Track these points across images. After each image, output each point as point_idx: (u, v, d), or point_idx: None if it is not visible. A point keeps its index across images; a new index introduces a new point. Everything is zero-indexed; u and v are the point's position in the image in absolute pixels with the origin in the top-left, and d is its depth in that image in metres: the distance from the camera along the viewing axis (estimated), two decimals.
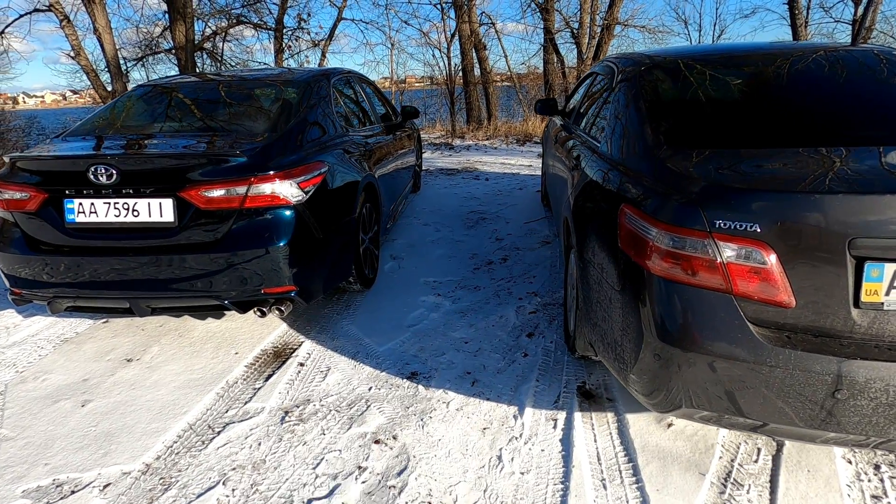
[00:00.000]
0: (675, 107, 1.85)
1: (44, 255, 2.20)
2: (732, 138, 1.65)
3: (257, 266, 2.18)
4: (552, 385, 2.19)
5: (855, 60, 2.08)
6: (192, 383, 2.24)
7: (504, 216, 4.66)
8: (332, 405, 2.08)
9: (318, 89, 2.99)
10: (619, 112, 2.05)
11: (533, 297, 3.00)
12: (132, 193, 2.11)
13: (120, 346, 2.58)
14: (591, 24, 12.70)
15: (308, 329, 2.70)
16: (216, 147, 2.31)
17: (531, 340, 2.53)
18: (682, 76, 2.05)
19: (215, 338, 2.63)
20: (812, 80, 1.92)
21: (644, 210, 1.48)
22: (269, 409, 2.06)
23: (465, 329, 2.67)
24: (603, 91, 2.67)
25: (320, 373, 2.31)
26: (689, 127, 1.75)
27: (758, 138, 1.63)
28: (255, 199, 2.15)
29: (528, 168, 7.04)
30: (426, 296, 3.07)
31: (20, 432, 1.97)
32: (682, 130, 1.73)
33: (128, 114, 2.86)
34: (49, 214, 2.19)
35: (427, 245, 3.96)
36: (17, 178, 2.21)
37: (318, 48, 13.47)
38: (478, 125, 11.07)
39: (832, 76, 1.97)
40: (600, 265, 1.73)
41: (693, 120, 1.78)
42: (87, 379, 2.30)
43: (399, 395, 2.14)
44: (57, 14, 10.73)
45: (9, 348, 2.61)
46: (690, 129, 1.73)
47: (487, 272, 3.39)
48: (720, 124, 1.75)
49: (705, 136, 1.68)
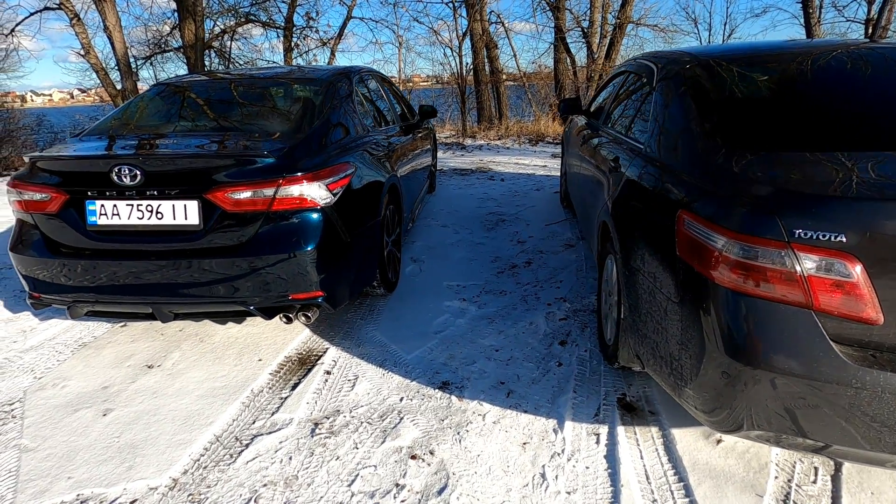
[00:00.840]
0: (729, 106, 1.76)
1: (64, 259, 2.13)
2: (797, 140, 1.56)
3: (285, 271, 2.10)
4: (591, 397, 2.10)
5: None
6: (216, 392, 2.16)
7: (523, 218, 4.56)
8: (363, 416, 1.99)
9: (340, 88, 2.91)
10: (665, 112, 1.95)
11: (562, 302, 2.91)
12: (156, 195, 2.03)
13: (139, 351, 2.51)
14: (602, 23, 12.59)
15: (332, 335, 2.62)
16: (242, 147, 2.23)
17: (564, 349, 2.44)
18: (732, 74, 1.95)
19: (237, 343, 2.55)
20: (878, 77, 1.82)
21: (707, 217, 1.39)
22: (297, 421, 1.98)
23: (494, 336, 2.58)
24: (639, 90, 2.57)
25: (348, 382, 2.23)
26: (748, 128, 1.65)
27: (825, 141, 1.53)
28: (283, 201, 2.07)
29: (543, 168, 6.94)
30: (450, 300, 2.98)
31: (41, 443, 1.90)
32: (741, 132, 1.63)
33: (147, 113, 2.78)
34: (70, 216, 2.11)
35: (447, 247, 3.87)
36: (37, 179, 2.13)
37: (326, 47, 13.43)
38: (489, 125, 10.97)
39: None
40: (652, 274, 1.64)
41: (751, 120, 1.69)
42: (108, 386, 2.23)
43: (432, 406, 2.05)
44: (67, 12, 10.71)
45: (26, 353, 2.54)
46: (749, 131, 1.63)
47: (512, 276, 3.30)
48: (781, 125, 1.65)
49: (766, 138, 1.58)
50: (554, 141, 9.32)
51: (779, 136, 1.59)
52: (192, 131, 2.55)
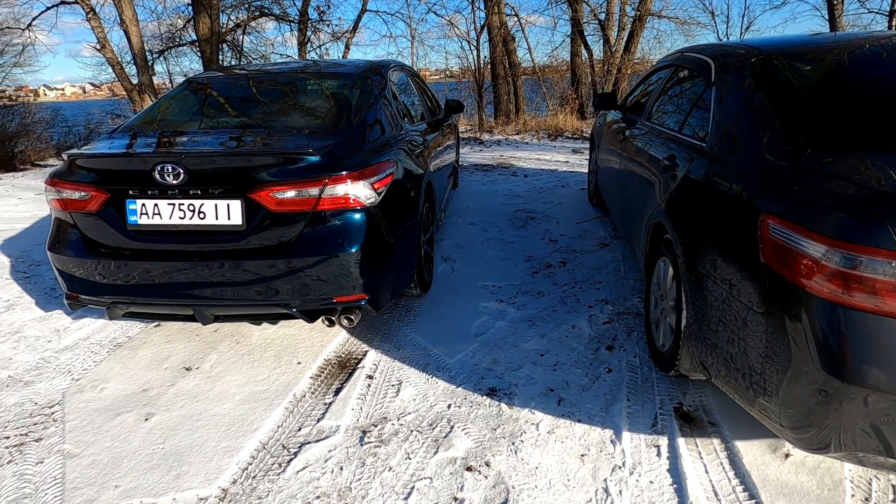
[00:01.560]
0: (809, 102, 1.65)
1: (103, 259, 2.08)
2: (890, 139, 1.45)
3: (329, 272, 2.03)
4: (646, 406, 2.01)
5: None
6: (257, 396, 2.11)
7: (553, 215, 4.47)
8: (411, 424, 1.93)
9: (375, 82, 2.83)
10: (733, 109, 1.85)
11: (604, 305, 2.82)
12: (199, 194, 1.97)
13: (176, 352, 2.46)
14: (620, 15, 12.36)
15: (370, 337, 2.56)
16: (285, 145, 2.16)
17: (612, 354, 2.36)
18: (803, 68, 1.84)
19: (274, 345, 2.49)
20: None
21: (800, 223, 1.29)
22: (344, 428, 1.92)
23: (536, 340, 2.50)
24: (691, 85, 2.46)
25: (392, 387, 2.16)
26: (835, 126, 1.55)
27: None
28: (329, 200, 2.00)
29: (566, 164, 6.82)
30: (487, 301, 2.91)
31: (84, 448, 1.85)
32: (827, 130, 1.53)
33: (181, 109, 2.72)
34: (110, 216, 2.06)
35: (477, 246, 3.79)
36: (76, 177, 2.08)
37: (340, 41, 13.32)
38: (506, 119, 10.83)
39: None
40: (726, 281, 1.55)
41: (837, 118, 1.58)
42: (147, 389, 2.18)
43: (482, 414, 1.98)
44: (83, 6, 10.69)
45: (62, 353, 2.50)
46: (837, 129, 1.53)
47: (548, 276, 3.22)
48: (871, 123, 1.54)
49: (857, 137, 1.48)
50: (573, 136, 9.18)
51: (870, 134, 1.49)
52: (231, 128, 2.48)
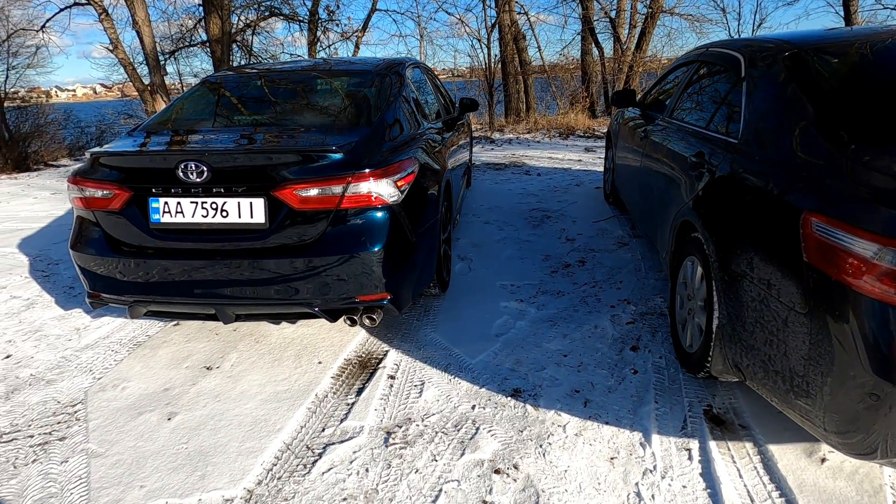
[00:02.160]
0: (849, 97, 1.60)
1: (126, 257, 2.07)
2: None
3: (352, 272, 2.01)
4: (674, 408, 1.97)
5: None
6: (279, 396, 2.09)
7: (568, 214, 4.42)
8: (436, 426, 1.90)
9: (394, 80, 2.80)
10: (767, 104, 1.81)
11: (626, 304, 2.77)
12: (222, 192, 1.96)
13: (196, 351, 2.45)
14: (632, 13, 12.26)
15: (390, 337, 2.53)
16: (308, 142, 2.14)
17: (637, 355, 2.32)
18: (840, 63, 1.79)
19: (294, 344, 2.48)
20: None
21: (847, 220, 1.25)
22: (368, 429, 1.90)
23: (559, 340, 2.46)
24: (719, 81, 2.41)
25: (415, 387, 2.14)
26: (878, 121, 1.50)
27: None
28: (352, 199, 1.97)
29: (579, 163, 6.76)
30: (507, 301, 2.87)
31: (108, 448, 1.84)
32: (871, 125, 1.48)
33: (201, 107, 2.71)
34: (132, 214, 2.05)
35: (493, 245, 3.76)
36: (99, 175, 2.07)
37: (349, 40, 13.33)
38: (517, 118, 10.78)
39: None
40: (764, 280, 1.50)
41: (881, 112, 1.53)
42: (168, 388, 2.18)
43: (507, 415, 1.95)
44: (96, 7, 10.78)
45: (82, 351, 2.50)
46: (880, 124, 1.48)
47: (567, 276, 3.18)
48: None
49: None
50: (585, 134, 9.12)
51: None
52: (252, 126, 2.47)
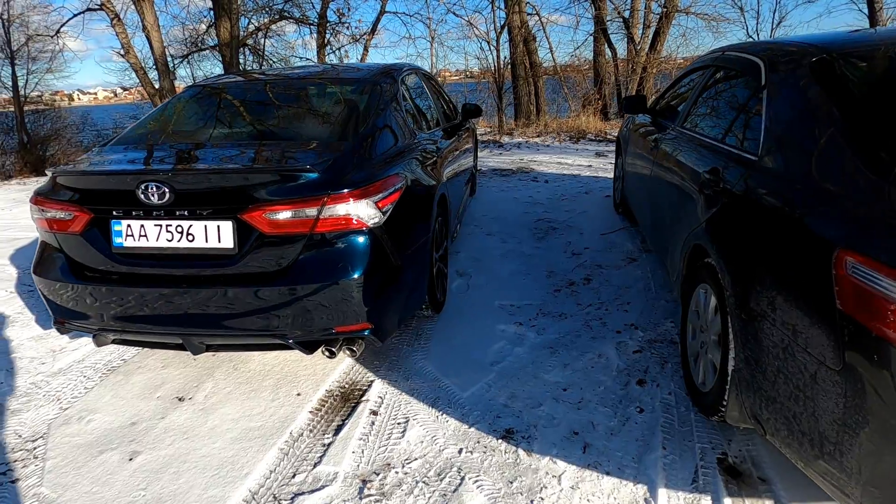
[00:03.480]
0: (892, 111, 1.39)
1: (89, 283, 1.93)
2: None
3: (328, 301, 1.84)
4: (684, 456, 1.76)
5: None
6: (251, 434, 1.93)
7: (576, 225, 4.21)
8: (417, 474, 1.72)
9: (385, 89, 2.63)
10: (792, 118, 1.59)
11: (633, 330, 2.56)
12: (187, 215, 1.81)
13: (170, 379, 2.31)
14: (646, 12, 11.96)
15: (376, 365, 2.36)
16: (281, 160, 1.98)
17: (644, 390, 2.11)
18: (878, 70, 1.57)
19: (273, 373, 2.32)
20: None
21: (892, 262, 1.04)
22: (343, 476, 1.72)
23: (559, 371, 2.26)
24: (735, 87, 2.20)
25: (398, 425, 1.96)
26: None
27: None
28: (328, 222, 1.80)
29: (588, 169, 6.53)
30: (505, 324, 2.68)
31: (62, 493, 1.70)
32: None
33: (178, 119, 2.57)
34: (94, 237, 1.91)
35: (495, 260, 3.57)
36: (59, 196, 1.94)
37: (359, 43, 13.24)
38: (527, 121, 10.56)
39: None
40: (789, 326, 1.30)
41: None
42: (136, 422, 2.03)
43: (497, 462, 1.76)
44: (108, 12, 10.84)
45: (54, 377, 2.38)
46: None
47: (571, 295, 2.97)
48: None
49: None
50: (597, 138, 8.86)
51: None
52: (227, 140, 2.32)
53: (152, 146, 2.27)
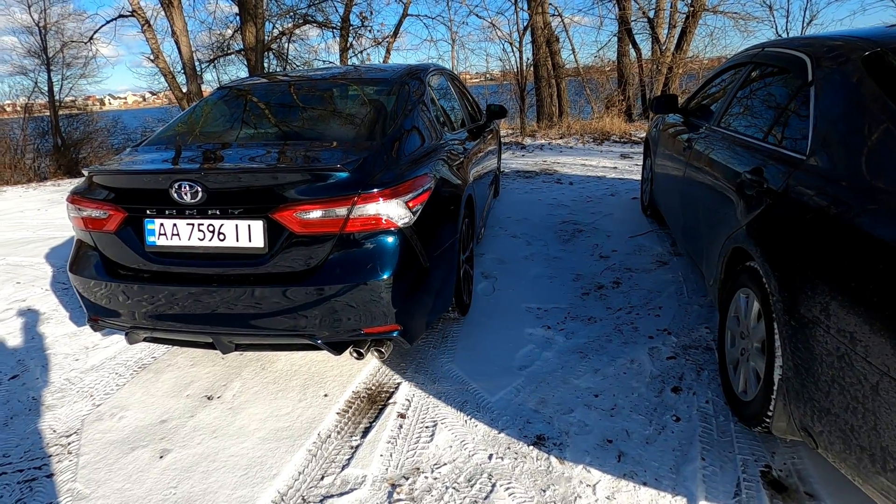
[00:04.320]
0: None
1: (122, 282, 1.95)
2: None
3: (358, 302, 1.82)
4: (725, 467, 1.69)
5: None
6: (279, 434, 1.93)
7: (602, 228, 4.13)
8: (447, 479, 1.69)
9: (413, 89, 2.62)
10: (846, 116, 1.51)
11: (666, 335, 2.49)
12: (219, 214, 1.81)
13: (199, 378, 2.32)
14: (671, 12, 11.75)
15: (403, 367, 2.34)
16: (311, 160, 1.97)
17: (679, 398, 2.04)
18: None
19: (301, 373, 2.31)
20: None
21: None
22: (371, 479, 1.70)
23: (589, 376, 2.20)
24: (777, 85, 2.11)
25: (426, 429, 1.93)
26: None
27: None
28: (358, 221, 1.79)
29: (614, 170, 6.42)
30: (532, 328, 2.63)
31: (95, 489, 1.72)
32: None
33: (209, 120, 2.60)
34: (128, 236, 1.93)
35: (520, 262, 3.51)
36: (94, 195, 1.97)
37: (381, 46, 13.34)
38: (549, 123, 10.46)
39: None
40: (846, 333, 1.22)
41: None
42: (166, 420, 2.04)
43: (528, 469, 1.72)
44: (139, 19, 11.15)
45: (87, 373, 2.42)
46: None
47: (600, 299, 2.90)
48: None
49: None
50: (621, 139, 8.73)
51: None
52: (257, 141, 2.33)
53: (184, 146, 2.30)
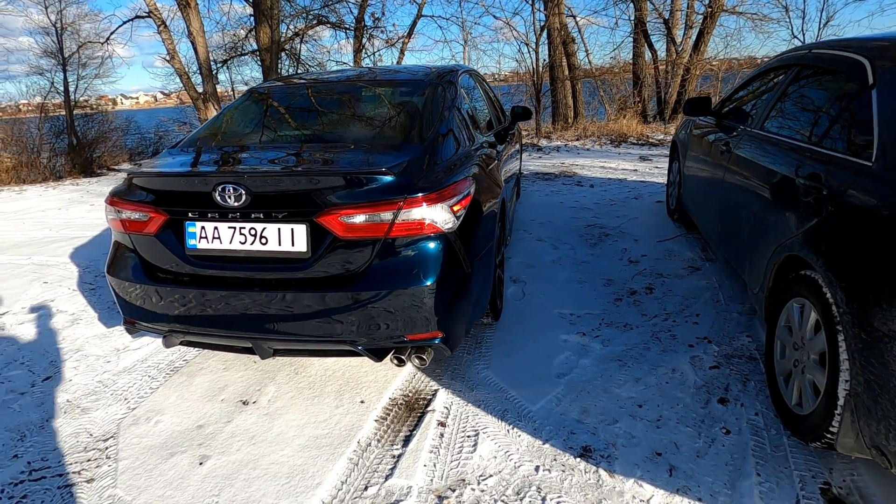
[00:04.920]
0: None
1: (161, 285, 1.93)
2: None
3: (401, 308, 1.79)
4: (782, 483, 1.63)
5: None
6: (318, 442, 1.89)
7: (629, 232, 4.07)
8: (495, 491, 1.64)
9: (448, 90, 2.58)
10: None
11: (706, 344, 2.43)
12: (262, 218, 1.78)
13: (233, 382, 2.30)
14: (688, 12, 11.64)
15: (438, 373, 2.30)
16: (355, 163, 1.94)
17: (727, 409, 1.98)
18: None
19: (335, 379, 2.28)
20: None
21: None
22: (417, 490, 1.66)
23: (631, 385, 2.15)
24: (832, 88, 2.05)
25: (468, 438, 1.89)
26: None
27: None
28: (403, 226, 1.75)
29: (634, 173, 6.35)
30: (567, 334, 2.58)
31: (136, 496, 1.69)
32: None
33: (245, 122, 2.58)
34: (168, 239, 1.91)
35: (548, 266, 3.46)
36: (135, 197, 1.95)
37: (394, 47, 13.33)
38: (565, 124, 10.39)
39: None
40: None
41: None
42: (203, 425, 2.02)
43: (578, 482, 1.67)
44: (155, 20, 11.21)
45: (119, 376, 2.40)
46: None
47: (634, 305, 2.85)
48: None
49: None
50: (638, 141, 8.64)
51: None
52: (294, 143, 2.31)
53: (223, 148, 2.28)
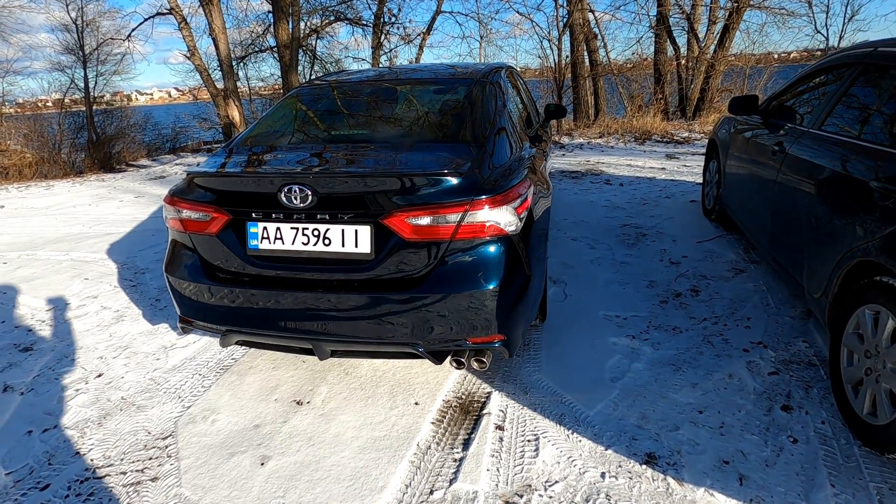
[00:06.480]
0: None
1: (221, 285, 1.93)
2: None
3: (465, 311, 1.77)
4: (858, 496, 1.59)
5: None
6: (377, 444, 1.89)
7: (666, 232, 4.01)
8: (562, 498, 1.62)
9: (498, 90, 2.55)
10: None
11: (762, 349, 2.38)
12: (327, 219, 1.77)
13: (284, 381, 2.30)
14: (712, 7, 11.44)
15: (489, 376, 2.28)
16: (420, 163, 1.92)
17: (792, 417, 1.94)
18: None
19: (386, 379, 2.28)
20: None
21: None
22: (483, 496, 1.65)
23: (688, 391, 2.12)
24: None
25: (528, 443, 1.87)
26: None
27: None
28: (469, 228, 1.73)
29: (662, 171, 6.26)
30: (615, 337, 2.55)
31: (203, 495, 1.70)
32: None
33: (298, 119, 2.57)
34: (229, 239, 1.91)
35: (587, 266, 3.43)
36: (196, 196, 1.95)
37: (412, 44, 13.29)
38: (587, 121, 10.29)
39: None
40: None
41: None
42: (259, 425, 2.02)
43: (647, 490, 1.64)
44: (176, 17, 11.29)
45: (171, 374, 2.42)
46: None
47: (680, 308, 2.80)
48: None
49: None
50: (663, 139, 8.53)
51: None
52: (354, 143, 2.29)
53: (282, 147, 2.27)
